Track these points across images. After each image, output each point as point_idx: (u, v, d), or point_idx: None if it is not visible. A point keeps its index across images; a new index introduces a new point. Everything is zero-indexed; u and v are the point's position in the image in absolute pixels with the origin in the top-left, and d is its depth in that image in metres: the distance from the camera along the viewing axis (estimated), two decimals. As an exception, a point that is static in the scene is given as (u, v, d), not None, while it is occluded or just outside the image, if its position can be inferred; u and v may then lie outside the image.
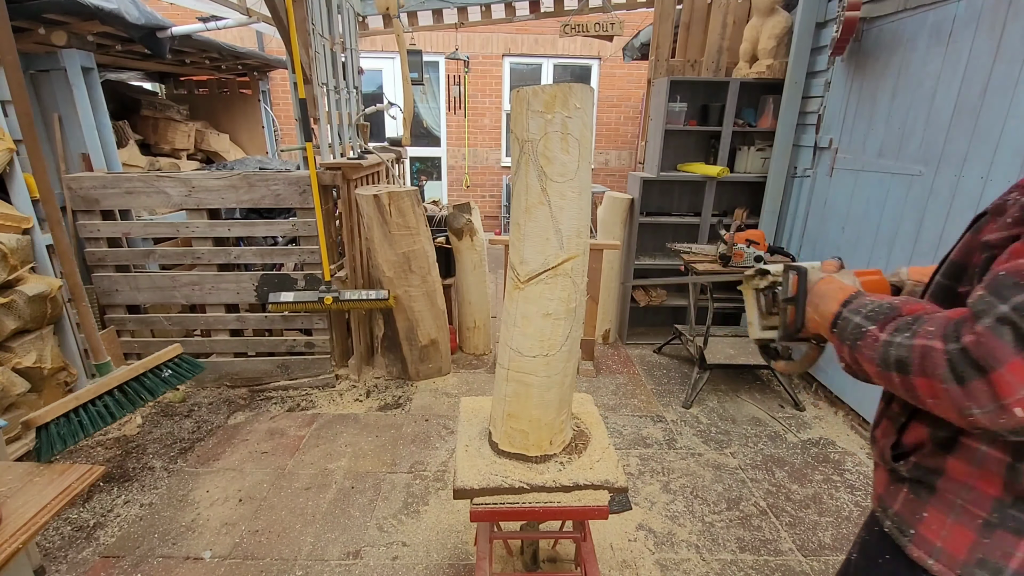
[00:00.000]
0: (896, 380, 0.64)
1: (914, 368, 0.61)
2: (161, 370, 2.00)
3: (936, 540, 0.70)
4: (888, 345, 0.64)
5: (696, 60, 3.61)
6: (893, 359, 0.64)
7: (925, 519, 0.72)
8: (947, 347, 0.58)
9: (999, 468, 0.65)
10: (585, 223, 1.19)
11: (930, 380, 0.59)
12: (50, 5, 2.43)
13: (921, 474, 0.73)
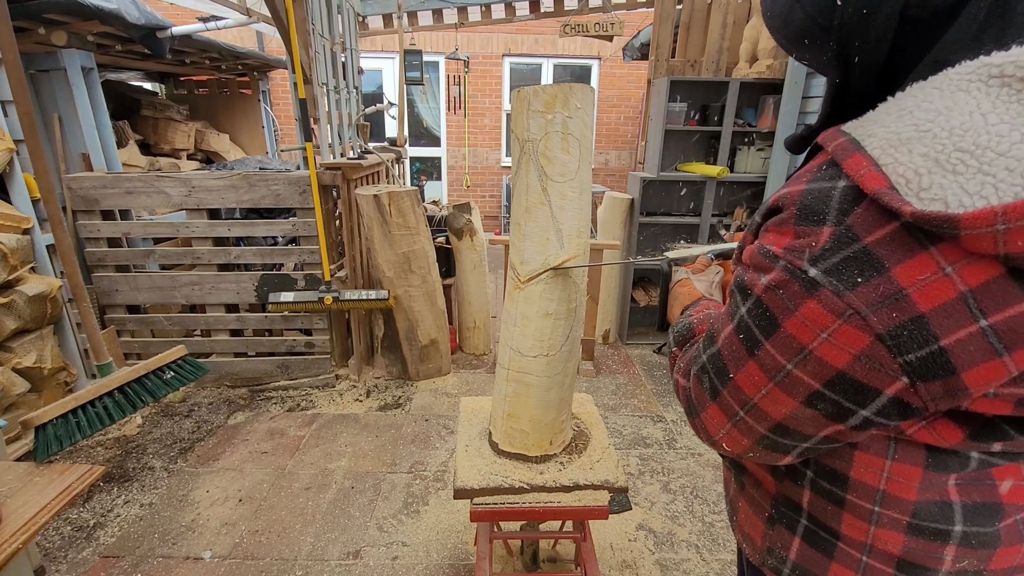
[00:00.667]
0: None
1: (680, 399, 0.69)
2: (163, 371, 1.99)
3: (745, 527, 0.76)
4: (673, 382, 0.73)
5: (696, 60, 3.61)
6: (675, 389, 0.72)
7: (740, 508, 0.77)
8: (686, 384, 0.66)
9: (767, 467, 0.69)
10: (586, 223, 1.19)
11: (684, 410, 0.68)
12: (50, 5, 2.43)
13: (736, 468, 0.78)
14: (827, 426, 0.52)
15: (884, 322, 0.43)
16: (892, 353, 0.43)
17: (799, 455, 0.58)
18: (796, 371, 0.50)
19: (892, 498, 0.57)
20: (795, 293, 0.47)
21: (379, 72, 7.01)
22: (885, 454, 0.56)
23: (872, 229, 0.43)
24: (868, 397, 0.47)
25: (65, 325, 2.47)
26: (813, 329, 0.47)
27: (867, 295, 0.43)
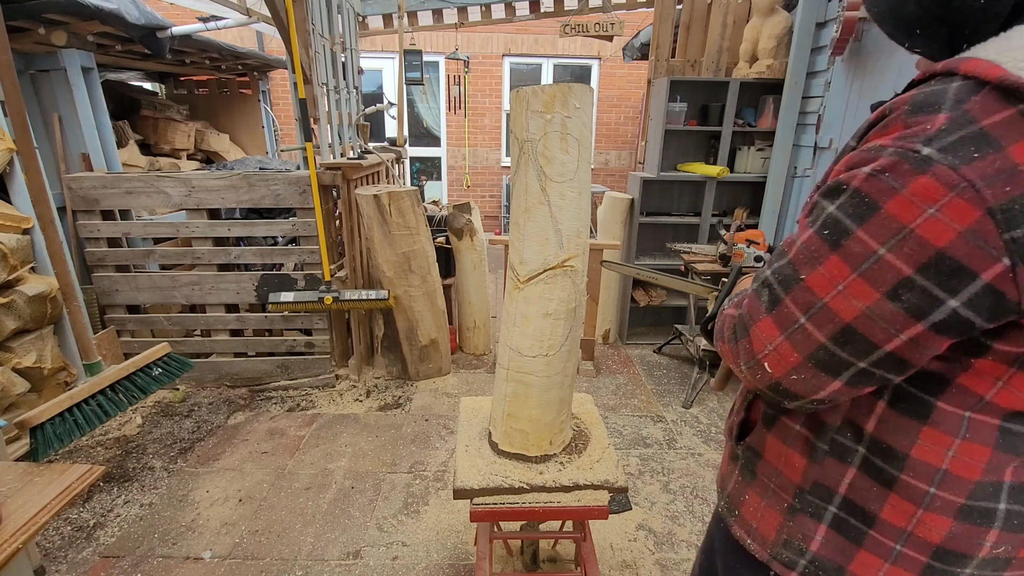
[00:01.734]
0: (719, 350, 0.69)
1: (721, 335, 0.67)
2: (151, 368, 2.02)
3: (753, 521, 0.73)
4: (720, 320, 0.70)
5: (696, 60, 3.61)
6: (716, 330, 0.70)
7: (747, 500, 0.74)
8: (737, 312, 0.63)
9: (802, 447, 0.67)
10: (585, 223, 1.19)
11: (723, 344, 0.65)
12: (50, 5, 2.43)
13: (749, 455, 0.75)
14: (904, 327, 0.49)
15: (997, 195, 0.43)
16: (1000, 228, 0.43)
17: (848, 381, 0.55)
18: (889, 255, 0.48)
19: (953, 479, 0.56)
20: (904, 172, 0.46)
21: (379, 72, 7.01)
22: (956, 432, 0.55)
23: (990, 113, 0.44)
24: (963, 281, 0.45)
25: (65, 325, 2.47)
26: (920, 205, 0.45)
27: (983, 169, 0.43)
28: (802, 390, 0.58)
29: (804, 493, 0.67)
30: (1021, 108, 0.44)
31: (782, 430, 0.70)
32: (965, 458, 0.55)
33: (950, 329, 0.48)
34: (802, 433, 0.67)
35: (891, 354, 0.51)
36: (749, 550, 0.74)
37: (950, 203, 0.44)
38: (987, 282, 0.45)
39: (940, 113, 0.46)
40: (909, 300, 0.48)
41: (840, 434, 0.63)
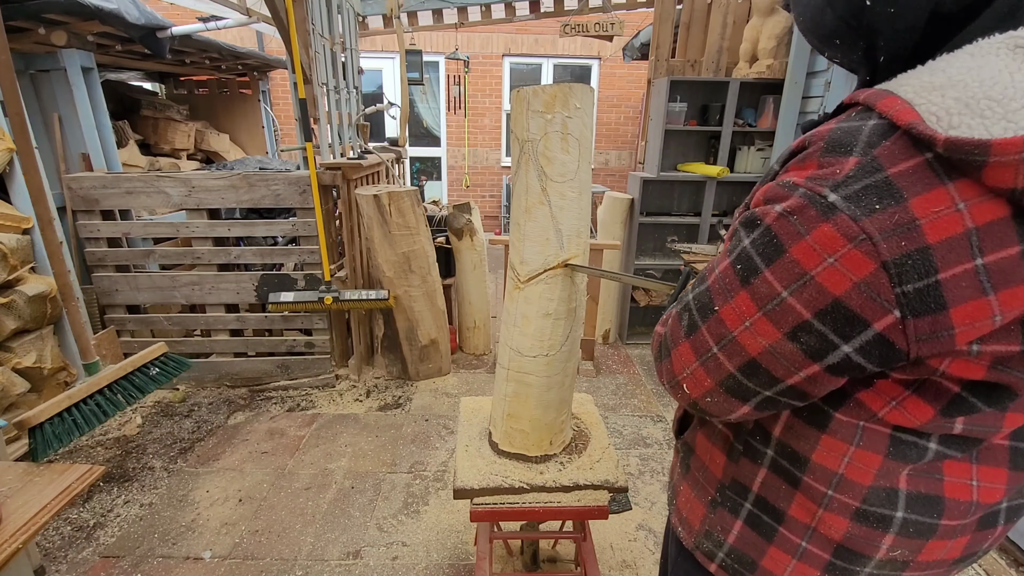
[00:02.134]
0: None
1: (653, 351, 0.72)
2: (148, 368, 2.02)
3: (684, 510, 0.78)
4: (654, 335, 0.74)
5: (696, 60, 3.61)
6: (651, 345, 0.78)
7: (682, 491, 0.79)
8: (662, 330, 0.68)
9: (723, 446, 0.71)
10: (585, 223, 1.19)
11: (654, 360, 0.70)
12: (50, 5, 2.43)
13: (686, 450, 0.79)
14: (802, 367, 0.52)
15: (892, 250, 0.44)
16: (893, 282, 0.44)
17: (755, 406, 0.59)
18: (790, 299, 0.50)
19: (848, 482, 0.59)
20: (810, 217, 0.48)
21: (379, 72, 7.01)
22: (851, 440, 0.58)
23: (897, 161, 0.45)
24: (856, 329, 0.47)
25: (65, 325, 2.47)
26: (821, 254, 0.47)
27: (882, 222, 0.44)
28: (716, 411, 0.63)
29: (724, 488, 0.71)
30: (928, 157, 0.44)
31: (708, 428, 0.74)
32: (858, 464, 0.58)
33: (843, 371, 0.51)
34: (723, 432, 0.71)
35: (792, 387, 0.55)
36: (679, 537, 0.80)
37: (848, 254, 0.46)
38: (878, 331, 0.47)
39: (851, 156, 0.47)
40: (807, 342, 0.51)
41: (752, 437, 0.67)
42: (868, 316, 0.46)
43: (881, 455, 0.57)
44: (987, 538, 0.62)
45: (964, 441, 0.56)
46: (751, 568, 0.69)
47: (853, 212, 0.45)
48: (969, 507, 0.58)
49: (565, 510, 1.27)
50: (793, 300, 0.50)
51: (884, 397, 0.54)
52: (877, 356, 0.48)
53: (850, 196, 0.46)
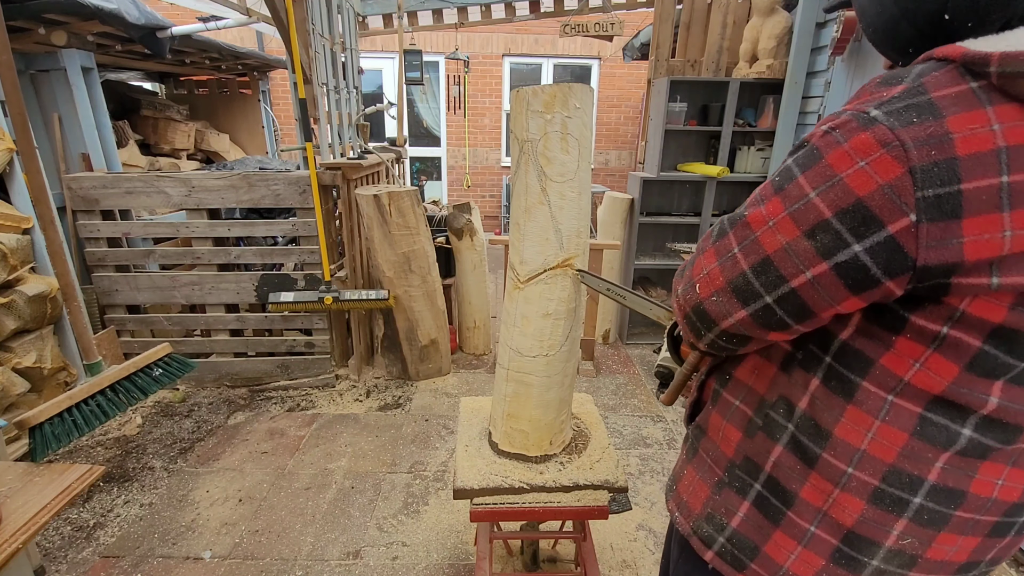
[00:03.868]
0: (673, 292, 0.75)
1: (676, 275, 0.73)
2: (152, 369, 2.01)
3: (684, 495, 0.77)
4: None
5: (696, 60, 3.61)
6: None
7: (684, 476, 0.78)
8: (691, 258, 0.70)
9: (739, 422, 0.70)
10: (585, 223, 1.19)
11: (675, 280, 0.72)
12: (50, 5, 2.43)
13: (696, 433, 0.78)
14: (810, 265, 0.54)
15: (922, 157, 0.47)
16: (916, 186, 0.47)
17: (751, 314, 0.60)
18: (816, 199, 0.53)
19: (869, 459, 0.59)
20: (851, 129, 0.51)
21: (379, 72, 7.01)
22: (877, 413, 0.58)
23: (942, 87, 0.49)
24: (871, 230, 0.50)
25: (65, 325, 2.47)
26: (854, 158, 0.50)
27: (916, 132, 0.48)
28: (715, 313, 0.63)
29: (734, 467, 0.70)
30: (974, 86, 0.47)
31: (723, 405, 0.73)
32: (883, 440, 0.58)
33: (848, 273, 0.52)
34: (740, 408, 0.71)
35: (794, 291, 0.56)
36: (676, 524, 0.77)
37: (879, 158, 0.49)
38: (891, 233, 0.49)
39: (900, 84, 0.51)
40: (821, 240, 0.53)
41: (774, 410, 0.66)
42: (884, 217, 0.49)
43: (907, 433, 0.57)
44: (994, 546, 0.61)
45: (1002, 428, 0.54)
46: (751, 554, 0.68)
47: (891, 123, 0.49)
48: (986, 503, 0.58)
49: (565, 510, 1.27)
50: (818, 200, 0.53)
51: (907, 359, 0.55)
52: (884, 259, 0.50)
53: (891, 112, 0.49)
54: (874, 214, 0.49)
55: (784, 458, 0.65)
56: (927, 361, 0.54)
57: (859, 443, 0.59)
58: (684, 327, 0.71)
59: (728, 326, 0.63)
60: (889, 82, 0.53)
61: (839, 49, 2.74)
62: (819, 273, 0.54)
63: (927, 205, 0.47)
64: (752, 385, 0.70)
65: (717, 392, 0.76)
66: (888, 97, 0.51)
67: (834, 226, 0.52)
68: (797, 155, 0.57)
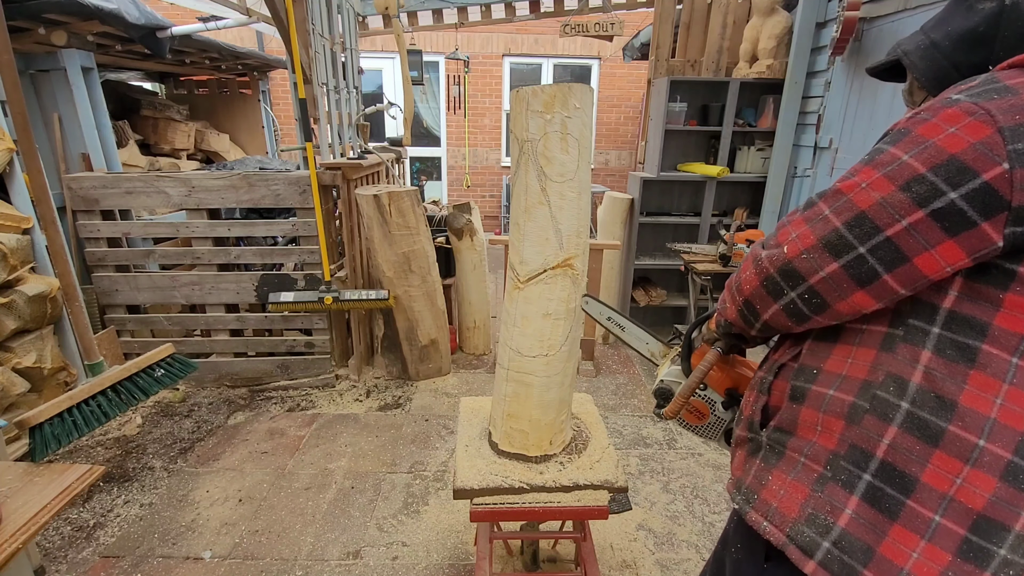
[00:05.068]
0: (737, 277, 0.78)
1: (749, 255, 0.76)
2: (154, 369, 2.01)
3: (773, 501, 0.70)
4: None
5: (696, 60, 3.61)
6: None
7: (769, 482, 0.72)
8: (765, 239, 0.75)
9: (840, 409, 0.66)
10: (585, 223, 1.19)
11: (747, 259, 0.75)
12: (50, 5, 2.43)
13: (778, 436, 0.74)
14: (907, 213, 0.57)
15: (1008, 120, 0.54)
16: (1007, 142, 0.53)
17: (844, 265, 0.62)
18: (910, 159, 0.58)
19: (1002, 428, 0.56)
20: (937, 108, 0.59)
21: (379, 72, 7.01)
22: (1004, 376, 0.56)
23: (1013, 78, 0.57)
24: (966, 178, 0.55)
25: (65, 325, 2.47)
26: (943, 127, 0.57)
27: (999, 104, 0.55)
28: (805, 269, 0.65)
29: (838, 459, 0.65)
30: None
31: (815, 399, 0.70)
32: (1013, 406, 0.56)
33: (945, 218, 0.56)
34: (837, 396, 0.67)
35: (889, 239, 0.59)
36: (765, 535, 0.69)
37: (969, 124, 0.56)
38: (986, 180, 0.54)
39: (977, 79, 0.60)
40: (917, 191, 0.57)
41: (883, 389, 0.63)
42: (979, 168, 0.54)
43: None
44: None
45: None
46: (864, 558, 0.60)
47: (974, 98, 0.57)
48: None
49: (565, 510, 1.27)
50: (912, 159, 0.58)
51: (1016, 315, 0.56)
52: (980, 203, 0.54)
53: (972, 94, 0.58)
54: (968, 166, 0.54)
55: (901, 439, 0.60)
56: None
57: (989, 411, 0.56)
58: (758, 293, 0.72)
59: (816, 281, 0.65)
60: (967, 81, 0.62)
61: (839, 49, 2.74)
62: (915, 220, 0.57)
63: (1017, 155, 0.52)
64: (847, 373, 0.67)
65: (801, 389, 0.72)
66: (967, 87, 0.59)
67: (929, 178, 0.56)
68: (883, 140, 0.63)
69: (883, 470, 0.61)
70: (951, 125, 0.56)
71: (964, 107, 0.56)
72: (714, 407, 0.93)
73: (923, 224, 0.57)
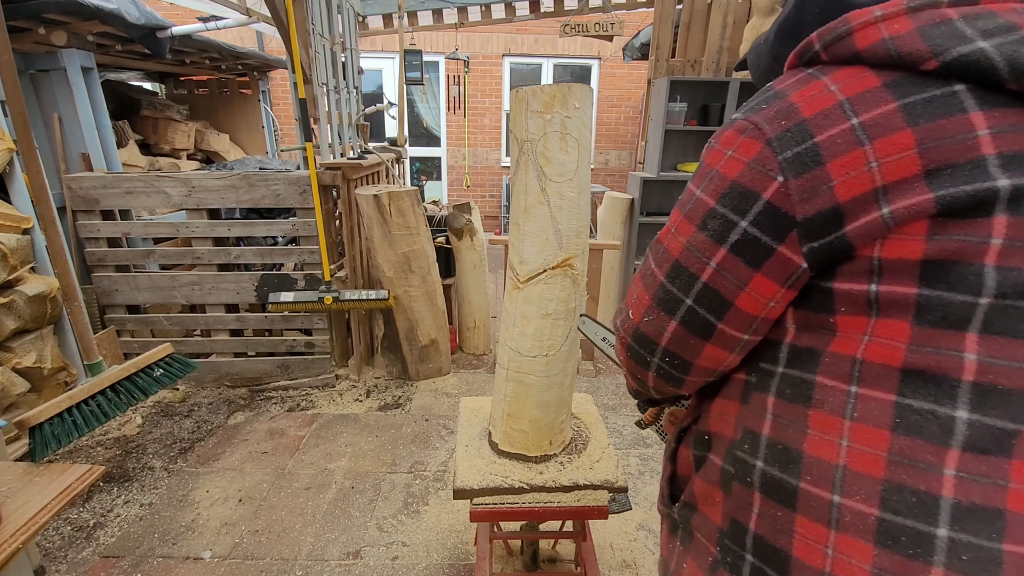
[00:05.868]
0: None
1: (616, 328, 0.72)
2: (153, 369, 2.01)
3: None
4: None
5: (696, 60, 3.61)
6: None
7: (684, 571, 0.64)
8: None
9: (718, 477, 0.59)
10: (585, 223, 1.19)
11: (614, 319, 0.71)
12: (50, 5, 2.43)
13: (685, 514, 0.65)
14: (711, 254, 0.54)
15: (775, 129, 0.50)
16: (775, 153, 0.50)
17: (681, 320, 0.58)
18: (701, 194, 0.56)
19: (855, 477, 0.47)
20: (719, 132, 0.57)
21: (379, 72, 7.01)
22: (843, 411, 0.48)
23: (784, 81, 0.54)
24: (750, 202, 0.51)
25: (65, 325, 2.47)
26: (723, 151, 0.55)
27: (766, 113, 0.52)
28: (651, 332, 0.62)
29: (723, 537, 0.58)
30: (809, 71, 0.52)
31: (708, 468, 0.62)
32: (862, 446, 0.47)
33: (744, 251, 0.53)
34: (712, 460, 0.61)
35: (707, 285, 0.56)
36: None
37: (742, 143, 0.53)
38: (767, 199, 0.50)
39: (758, 97, 0.57)
40: (712, 227, 0.54)
41: (741, 448, 0.56)
42: (758, 188, 0.51)
43: (886, 428, 0.46)
44: None
45: (1007, 400, 0.43)
46: None
47: (746, 114, 0.54)
48: None
49: (565, 510, 1.27)
50: (703, 194, 0.56)
51: (852, 336, 0.49)
52: (769, 225, 0.51)
53: (747, 109, 0.55)
54: (748, 188, 0.51)
55: (764, 506, 0.53)
56: (874, 329, 0.48)
57: (835, 457, 0.48)
58: (629, 364, 0.67)
59: (666, 343, 0.60)
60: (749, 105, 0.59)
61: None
62: (720, 259, 0.54)
63: (789, 164, 0.49)
64: (720, 432, 0.61)
65: (697, 455, 0.65)
66: (747, 104, 0.56)
67: (719, 211, 0.53)
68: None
69: (758, 547, 0.53)
70: (728, 148, 0.54)
71: (737, 126, 0.54)
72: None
73: (728, 262, 0.53)
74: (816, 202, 0.48)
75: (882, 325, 0.47)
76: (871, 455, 0.46)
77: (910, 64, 0.46)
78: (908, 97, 0.45)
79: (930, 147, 0.44)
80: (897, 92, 0.46)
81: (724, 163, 0.54)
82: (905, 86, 0.46)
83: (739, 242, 0.52)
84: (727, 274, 0.54)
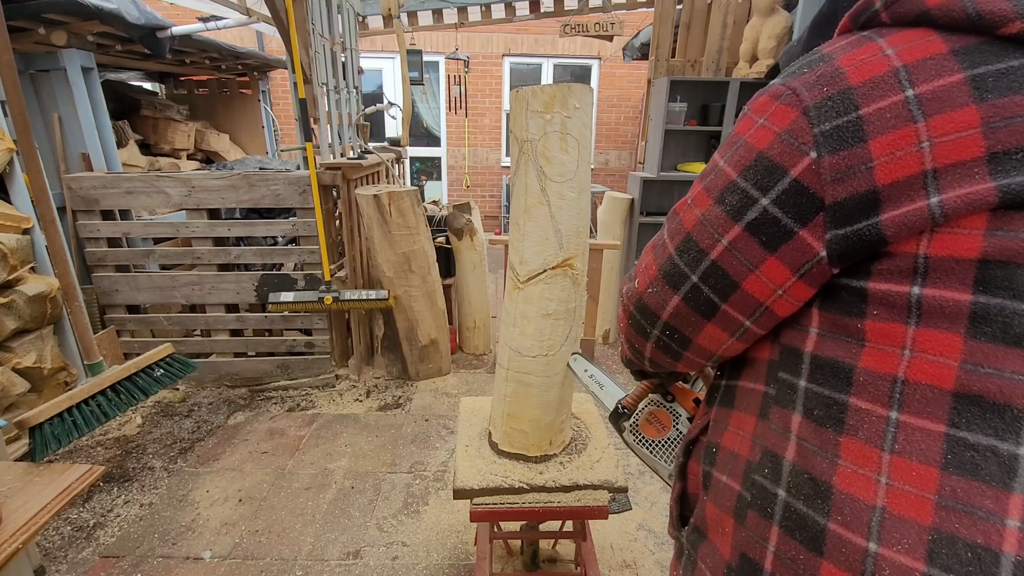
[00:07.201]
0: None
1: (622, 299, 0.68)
2: (153, 369, 2.01)
3: None
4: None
5: (696, 60, 3.61)
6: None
7: None
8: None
9: (730, 504, 0.53)
10: (585, 223, 1.19)
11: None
12: (50, 5, 2.43)
13: (694, 539, 0.58)
14: (724, 231, 0.50)
15: (814, 96, 0.45)
16: (812, 124, 0.44)
17: (684, 297, 0.55)
18: (724, 165, 0.51)
19: (897, 523, 0.39)
20: (755, 98, 0.51)
21: (379, 72, 7.01)
22: (881, 441, 0.41)
23: (834, 43, 0.48)
24: (775, 178, 0.46)
25: (65, 325, 2.47)
26: (754, 119, 0.50)
27: (807, 78, 0.46)
28: (654, 304, 0.58)
29: (731, 574, 0.51)
30: (864, 33, 0.46)
31: (722, 492, 0.54)
32: (904, 485, 0.39)
33: (761, 231, 0.47)
34: (728, 484, 0.53)
35: (715, 263, 0.51)
36: None
37: (775, 110, 0.47)
38: (795, 177, 0.45)
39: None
40: (730, 202, 0.50)
41: (759, 473, 0.49)
42: (786, 163, 0.45)
43: (935, 466, 0.38)
44: None
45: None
46: None
47: (785, 79, 0.48)
48: None
49: (565, 510, 1.27)
50: (726, 165, 0.51)
51: (889, 348, 0.41)
52: (793, 206, 0.45)
53: (787, 73, 0.49)
54: (776, 163, 0.46)
55: (783, 544, 0.45)
56: (916, 342, 0.40)
57: (872, 497, 0.40)
58: (629, 332, 0.64)
59: (667, 317, 0.57)
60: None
61: (839, 49, 2.74)
62: (734, 237, 0.49)
63: (826, 138, 0.43)
64: (736, 449, 0.54)
65: (707, 474, 0.58)
66: (788, 71, 0.50)
67: (740, 185, 0.48)
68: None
69: None
70: (760, 116, 0.48)
71: (772, 91, 0.48)
72: (678, 420, 0.81)
73: (742, 241, 0.48)
74: (850, 184, 0.42)
75: (926, 337, 0.40)
76: (916, 496, 0.38)
77: (989, 26, 0.39)
78: (979, 67, 0.39)
79: (999, 127, 0.37)
80: (967, 61, 0.39)
81: (753, 132, 0.48)
82: (977, 54, 0.39)
83: (756, 221, 0.47)
84: (738, 254, 0.49)
